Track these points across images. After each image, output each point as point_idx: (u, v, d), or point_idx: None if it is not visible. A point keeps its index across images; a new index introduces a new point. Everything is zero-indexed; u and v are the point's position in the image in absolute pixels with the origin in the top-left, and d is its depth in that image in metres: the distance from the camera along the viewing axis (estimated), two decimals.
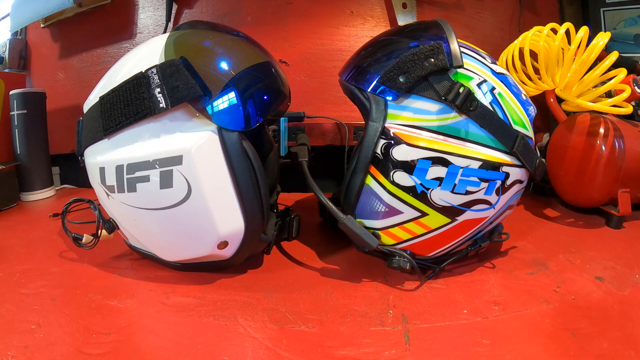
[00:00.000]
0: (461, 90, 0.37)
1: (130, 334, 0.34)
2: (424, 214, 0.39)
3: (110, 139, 0.40)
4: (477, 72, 0.40)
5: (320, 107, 0.84)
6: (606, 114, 0.58)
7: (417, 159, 0.37)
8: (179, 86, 0.37)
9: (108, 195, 0.41)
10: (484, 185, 0.38)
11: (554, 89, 0.64)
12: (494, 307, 0.37)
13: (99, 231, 0.45)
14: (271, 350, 0.32)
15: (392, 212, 0.40)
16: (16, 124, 0.78)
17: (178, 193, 0.37)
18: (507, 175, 0.39)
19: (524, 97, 0.42)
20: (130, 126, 0.38)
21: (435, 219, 0.39)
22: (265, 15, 0.86)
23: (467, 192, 0.38)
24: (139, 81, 0.38)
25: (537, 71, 0.64)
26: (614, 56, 0.57)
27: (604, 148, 0.56)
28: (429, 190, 0.38)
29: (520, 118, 0.40)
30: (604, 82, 0.60)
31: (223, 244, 0.40)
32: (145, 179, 0.38)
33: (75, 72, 0.96)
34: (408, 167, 0.38)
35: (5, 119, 0.80)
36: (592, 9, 0.89)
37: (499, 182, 0.39)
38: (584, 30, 0.58)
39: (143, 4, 0.92)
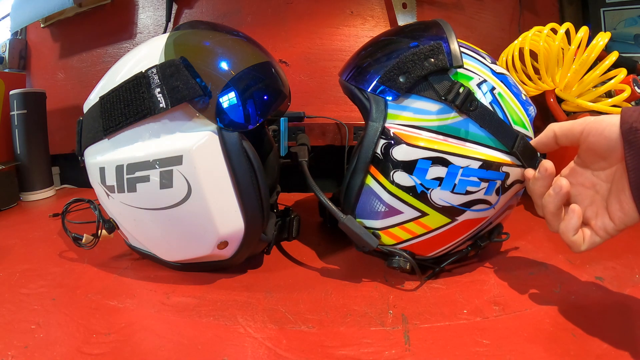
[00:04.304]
0: (461, 90, 0.37)
1: (130, 334, 0.34)
2: (424, 214, 0.39)
3: (110, 139, 0.40)
4: (477, 72, 0.40)
5: (320, 107, 0.84)
6: (606, 114, 0.58)
7: (417, 159, 0.37)
8: (179, 86, 0.37)
9: (108, 195, 0.41)
10: (484, 185, 0.38)
11: (554, 89, 0.64)
12: (494, 307, 0.37)
13: (99, 231, 0.45)
14: (271, 350, 0.32)
15: (392, 212, 0.40)
16: (16, 124, 0.79)
17: (178, 193, 0.37)
18: (507, 175, 0.39)
19: (524, 97, 0.42)
20: (130, 126, 0.38)
21: (435, 219, 0.39)
22: (265, 15, 0.86)
23: (467, 192, 0.38)
24: (139, 81, 0.38)
25: (537, 71, 0.64)
26: (614, 56, 0.57)
27: None
28: (429, 190, 0.38)
29: (520, 118, 0.40)
30: (604, 82, 0.60)
31: (223, 244, 0.40)
32: (145, 179, 0.38)
33: (75, 72, 0.96)
34: (408, 167, 0.38)
35: (5, 119, 0.80)
36: (592, 9, 0.89)
37: (499, 182, 0.39)
38: (584, 30, 0.58)
39: (143, 4, 0.92)
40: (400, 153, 0.38)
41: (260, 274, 0.46)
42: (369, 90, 0.40)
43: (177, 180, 0.37)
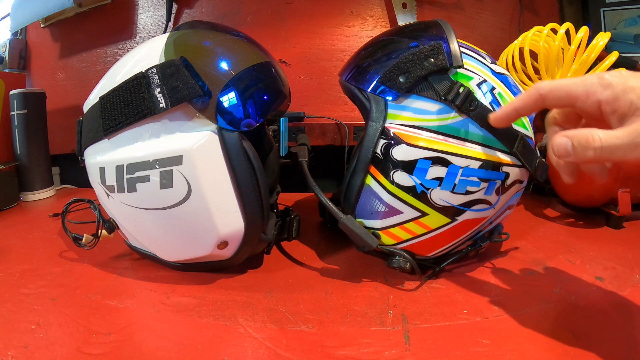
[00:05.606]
0: (461, 90, 0.37)
1: (130, 334, 0.34)
2: (424, 214, 0.39)
3: (110, 139, 0.40)
4: (477, 72, 0.40)
5: (320, 107, 0.84)
6: None
7: (417, 159, 0.37)
8: (179, 86, 0.37)
9: (108, 195, 0.41)
10: (484, 185, 0.38)
11: None
12: (494, 307, 0.37)
13: (99, 231, 0.45)
14: (271, 350, 0.32)
15: (392, 212, 0.40)
16: (16, 124, 0.79)
17: (178, 193, 0.37)
18: (507, 175, 0.39)
19: None
20: (130, 126, 0.38)
21: (435, 219, 0.39)
22: (265, 15, 0.86)
23: (467, 192, 0.38)
24: (139, 81, 0.38)
25: (537, 71, 0.64)
26: (614, 56, 0.57)
27: None
28: (429, 190, 0.38)
29: (521, 118, 0.40)
30: None
31: (223, 244, 0.40)
32: (145, 179, 0.38)
33: (75, 72, 0.96)
34: (408, 167, 0.38)
35: (5, 119, 0.80)
36: (592, 9, 0.89)
37: (499, 182, 0.39)
38: (584, 30, 0.58)
39: (143, 4, 0.92)
40: (400, 153, 0.38)
41: (260, 274, 0.46)
42: (369, 90, 0.40)
43: (177, 180, 0.37)
